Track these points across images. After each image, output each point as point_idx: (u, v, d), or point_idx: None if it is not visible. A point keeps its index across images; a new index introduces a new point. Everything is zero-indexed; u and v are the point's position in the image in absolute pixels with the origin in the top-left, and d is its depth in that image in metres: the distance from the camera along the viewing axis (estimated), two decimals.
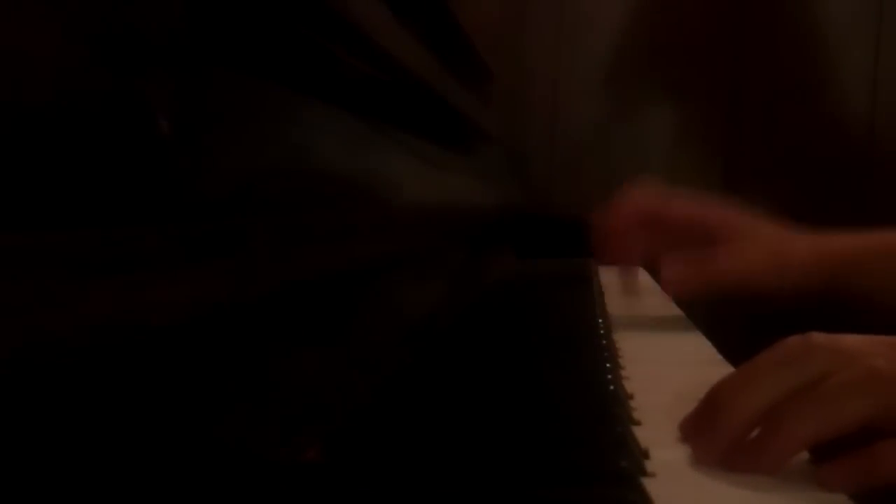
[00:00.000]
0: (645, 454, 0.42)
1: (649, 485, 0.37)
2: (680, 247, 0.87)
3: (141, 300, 0.26)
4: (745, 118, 1.75)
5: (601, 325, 0.81)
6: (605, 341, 0.71)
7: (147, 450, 0.28)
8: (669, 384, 0.56)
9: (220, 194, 0.33)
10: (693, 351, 0.76)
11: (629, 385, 0.56)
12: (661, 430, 0.46)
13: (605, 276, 1.18)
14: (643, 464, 0.40)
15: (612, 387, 0.55)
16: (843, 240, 0.82)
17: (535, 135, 1.78)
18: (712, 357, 0.72)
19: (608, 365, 0.61)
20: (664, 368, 0.68)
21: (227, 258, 0.32)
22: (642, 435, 0.44)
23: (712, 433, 0.42)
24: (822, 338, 0.43)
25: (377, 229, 0.57)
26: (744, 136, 1.75)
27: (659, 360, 0.72)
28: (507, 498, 0.36)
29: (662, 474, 0.40)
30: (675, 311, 0.96)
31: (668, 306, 0.98)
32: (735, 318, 1.20)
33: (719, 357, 0.71)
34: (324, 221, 0.45)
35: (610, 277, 1.10)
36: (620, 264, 0.95)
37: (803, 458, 0.41)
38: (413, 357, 0.61)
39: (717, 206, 0.88)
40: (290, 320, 0.41)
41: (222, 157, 0.35)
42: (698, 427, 0.44)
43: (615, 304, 0.95)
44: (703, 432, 0.43)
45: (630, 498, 0.36)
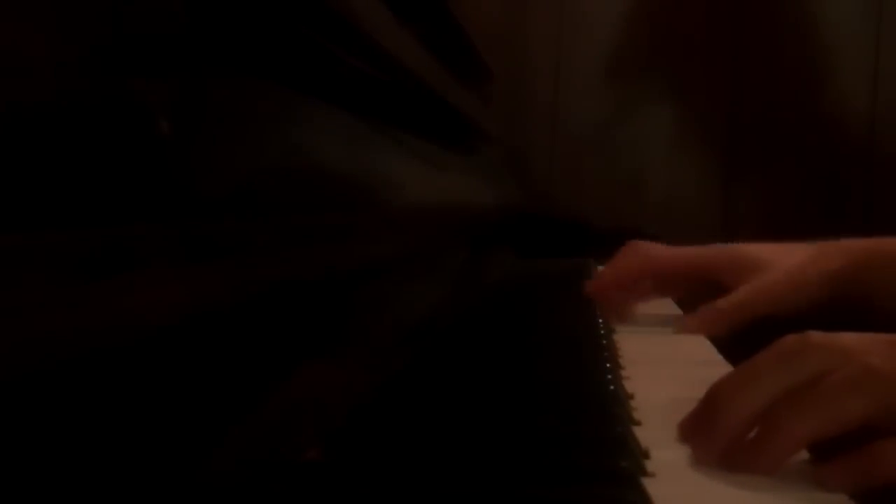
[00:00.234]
0: (645, 454, 0.42)
1: (649, 485, 0.37)
2: (692, 293, 0.89)
3: (141, 300, 0.26)
4: (745, 118, 1.75)
5: (601, 325, 0.81)
6: (605, 341, 0.71)
7: (147, 450, 0.28)
8: (669, 384, 0.56)
9: (220, 194, 0.33)
10: (693, 351, 0.76)
11: (629, 385, 0.56)
12: (661, 430, 0.46)
13: None
14: (643, 464, 0.40)
15: (612, 387, 0.55)
16: (841, 246, 0.82)
17: (535, 135, 1.78)
18: (712, 357, 0.72)
19: (608, 365, 0.61)
20: (664, 368, 0.68)
21: (227, 258, 0.32)
22: (642, 435, 0.44)
23: (711, 433, 0.42)
24: (820, 336, 0.43)
25: (377, 229, 0.57)
26: (744, 136, 1.75)
27: (659, 360, 0.72)
28: (507, 498, 0.36)
29: (662, 474, 0.40)
30: (675, 311, 0.96)
31: (668, 306, 0.98)
32: None
33: (719, 357, 0.71)
34: (323, 221, 0.45)
35: None
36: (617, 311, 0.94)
37: (803, 457, 0.41)
38: (413, 357, 0.61)
39: (713, 249, 0.89)
40: (290, 320, 0.41)
41: (222, 157, 0.35)
42: (697, 427, 0.44)
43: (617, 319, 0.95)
44: (702, 432, 0.43)
45: (630, 498, 0.36)
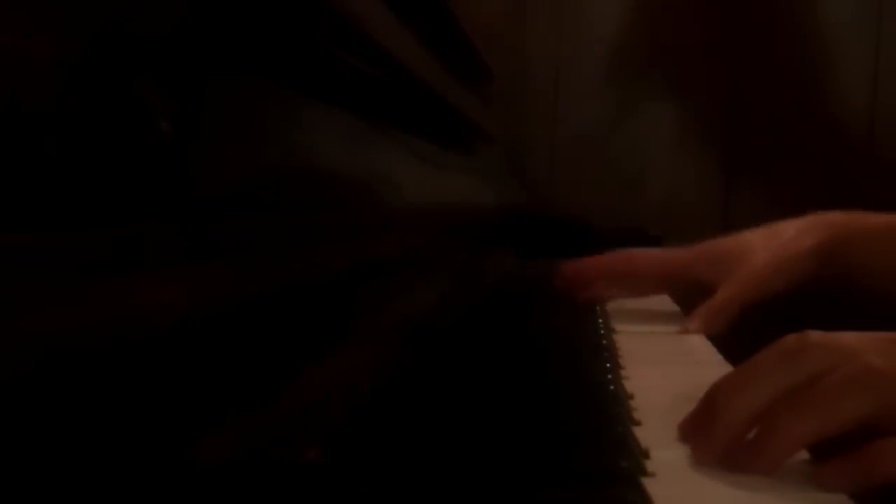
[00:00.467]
0: (645, 454, 0.42)
1: (649, 485, 0.37)
2: (682, 295, 0.89)
3: (141, 300, 0.26)
4: (745, 118, 1.75)
5: (601, 325, 0.81)
6: (605, 341, 0.71)
7: (148, 450, 0.28)
8: (669, 384, 0.56)
9: (220, 194, 0.33)
10: (693, 351, 0.76)
11: (629, 385, 0.56)
12: (661, 430, 0.46)
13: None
14: (643, 464, 0.40)
15: (612, 387, 0.55)
16: (826, 220, 0.82)
17: (535, 135, 1.78)
18: (712, 357, 0.72)
19: (608, 365, 0.61)
20: (664, 368, 0.68)
21: (227, 258, 0.32)
22: (642, 435, 0.44)
23: (711, 433, 0.42)
24: (819, 336, 0.43)
25: (377, 229, 0.57)
26: (744, 136, 1.75)
27: (659, 360, 0.72)
28: (508, 498, 0.36)
29: (662, 474, 0.40)
30: (675, 310, 0.96)
31: (668, 306, 0.98)
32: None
33: (719, 357, 0.71)
34: (323, 221, 0.45)
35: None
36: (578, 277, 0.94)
37: (803, 457, 0.41)
38: (413, 357, 0.61)
39: (690, 251, 0.88)
40: (290, 320, 0.41)
41: (222, 156, 0.35)
42: (697, 427, 0.44)
43: (615, 304, 0.95)
44: (701, 432, 0.43)
45: (630, 498, 0.36)
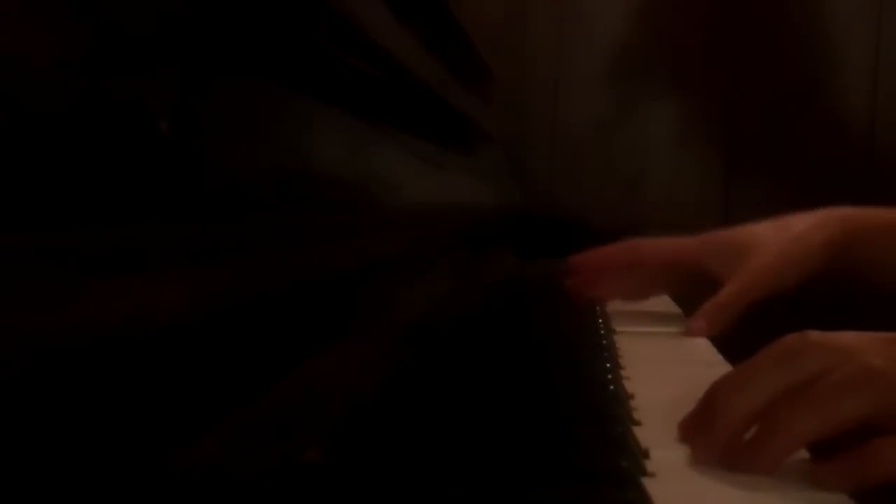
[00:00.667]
0: (645, 454, 0.42)
1: (649, 485, 0.37)
2: (688, 287, 0.88)
3: (141, 300, 0.26)
4: (745, 118, 1.75)
5: (601, 325, 0.81)
6: (605, 341, 0.71)
7: (148, 450, 0.28)
8: (669, 384, 0.56)
9: (220, 194, 0.33)
10: (693, 351, 0.76)
11: (629, 385, 0.56)
12: (661, 430, 0.46)
13: None
14: (643, 464, 0.40)
15: (612, 387, 0.55)
16: (838, 215, 0.82)
17: (535, 135, 1.78)
18: (712, 357, 0.72)
19: (608, 365, 0.61)
20: (664, 368, 0.68)
21: (227, 258, 0.32)
22: (642, 435, 0.44)
23: (710, 432, 0.42)
24: (818, 336, 0.43)
25: (377, 229, 0.57)
26: (744, 135, 1.75)
27: (659, 360, 0.72)
28: (508, 498, 0.36)
29: (662, 474, 0.40)
30: (675, 310, 0.96)
31: (669, 307, 0.98)
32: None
33: (719, 357, 0.71)
34: (323, 221, 0.45)
35: None
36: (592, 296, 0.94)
37: (803, 457, 0.41)
38: (413, 357, 0.61)
39: (698, 240, 0.88)
40: (291, 320, 0.41)
41: (222, 157, 0.35)
42: (696, 426, 0.44)
43: (615, 304, 0.95)
44: (700, 431, 0.43)
45: (630, 498, 0.36)
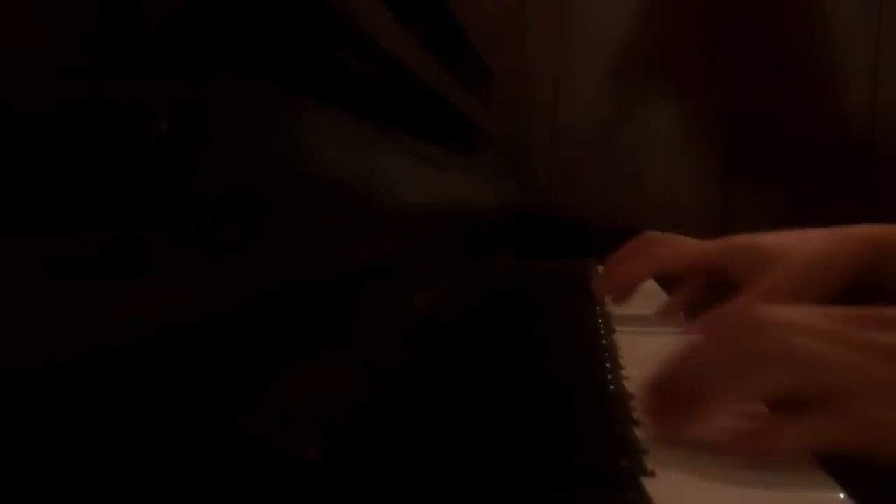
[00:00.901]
0: (645, 454, 0.42)
1: (649, 485, 0.37)
2: (705, 290, 0.88)
3: (141, 300, 0.26)
4: (745, 118, 1.75)
5: (601, 325, 0.81)
6: (605, 341, 0.71)
7: (148, 450, 0.28)
8: None
9: (220, 194, 0.33)
10: None
11: (629, 385, 0.56)
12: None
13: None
14: (643, 464, 0.40)
15: (612, 387, 0.55)
16: (861, 233, 0.81)
17: (535, 135, 1.78)
18: None
19: (608, 365, 0.61)
20: None
21: (227, 258, 0.32)
22: (642, 435, 0.44)
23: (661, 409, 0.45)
24: (752, 312, 0.45)
25: (377, 229, 0.57)
26: (744, 136, 1.75)
27: (659, 360, 0.71)
28: (508, 498, 0.36)
29: (662, 474, 0.40)
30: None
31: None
32: None
33: None
34: (323, 221, 0.45)
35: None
36: (617, 292, 0.94)
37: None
38: (413, 357, 0.61)
39: (721, 244, 0.87)
40: (291, 320, 0.41)
41: (222, 157, 0.35)
42: (654, 407, 0.47)
43: (615, 304, 0.95)
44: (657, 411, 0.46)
45: (630, 498, 0.36)
